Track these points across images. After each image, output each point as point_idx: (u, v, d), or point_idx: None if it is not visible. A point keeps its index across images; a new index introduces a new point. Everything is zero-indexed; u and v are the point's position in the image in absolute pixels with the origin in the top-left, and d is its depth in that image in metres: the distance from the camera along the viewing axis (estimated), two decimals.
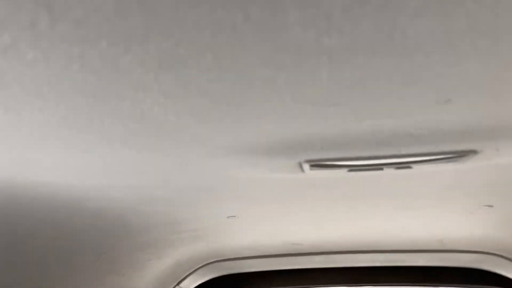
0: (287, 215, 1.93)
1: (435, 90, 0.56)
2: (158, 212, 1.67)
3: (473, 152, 0.95)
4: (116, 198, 1.40)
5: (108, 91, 0.52)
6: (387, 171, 1.15)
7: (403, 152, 0.92)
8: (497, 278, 2.85)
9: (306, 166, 1.06)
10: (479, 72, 0.52)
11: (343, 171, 1.14)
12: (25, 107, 0.57)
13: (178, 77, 0.49)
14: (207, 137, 0.80)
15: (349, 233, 2.40)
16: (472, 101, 0.63)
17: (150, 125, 0.67)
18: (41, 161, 0.90)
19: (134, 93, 0.53)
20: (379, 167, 1.11)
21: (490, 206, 1.86)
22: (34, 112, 0.59)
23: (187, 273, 2.64)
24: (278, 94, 0.56)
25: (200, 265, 2.64)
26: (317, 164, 1.09)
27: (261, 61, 0.45)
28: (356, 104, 0.61)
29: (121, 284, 2.12)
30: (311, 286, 3.03)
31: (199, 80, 0.50)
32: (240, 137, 0.79)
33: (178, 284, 2.65)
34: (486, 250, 2.62)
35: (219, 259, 2.63)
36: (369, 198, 1.68)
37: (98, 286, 1.99)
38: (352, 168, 1.11)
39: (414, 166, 1.10)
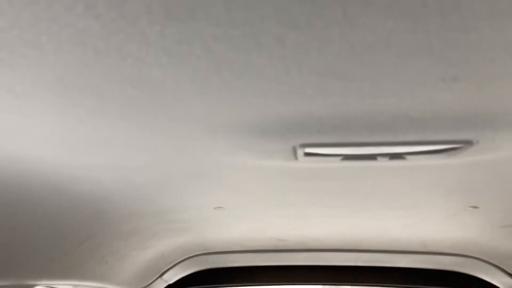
0: (275, 209, 1.92)
1: (443, 63, 0.56)
2: (145, 199, 1.64)
3: (469, 143, 0.95)
4: (103, 181, 1.37)
5: (110, 44, 0.50)
6: (380, 161, 1.15)
7: (400, 139, 0.92)
8: (477, 282, 2.89)
9: (300, 152, 1.05)
10: (491, 43, 0.51)
11: (337, 160, 1.14)
12: (21, 61, 0.55)
13: (184, 31, 0.47)
14: (204, 113, 0.78)
15: (335, 231, 2.41)
16: (478, 80, 0.62)
17: (148, 92, 0.65)
18: (29, 131, 0.87)
19: (137, 49, 0.51)
20: (373, 156, 1.10)
21: (476, 207, 1.87)
22: (30, 67, 0.57)
23: (170, 266, 2.62)
24: (284, 61, 0.55)
25: (183, 258, 2.62)
26: (311, 152, 1.08)
27: (274, 13, 0.43)
28: (362, 78, 0.60)
29: (102, 273, 2.08)
30: (294, 283, 3.03)
31: (205, 35, 0.48)
32: (239, 114, 0.78)
33: (160, 276, 2.63)
34: (467, 254, 2.65)
35: (203, 252, 2.62)
36: (358, 194, 1.68)
37: (79, 274, 1.95)
38: (346, 157, 1.11)
39: (408, 157, 1.10)
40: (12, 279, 1.63)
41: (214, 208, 1.86)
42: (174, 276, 2.76)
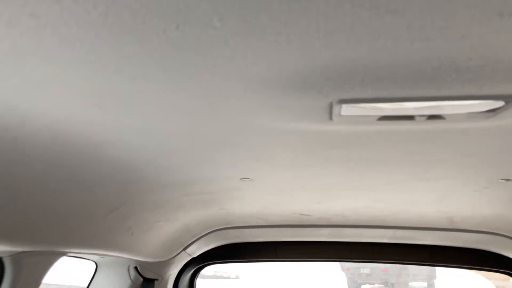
0: (301, 180, 1.91)
1: None
2: (173, 168, 1.64)
3: None
4: (135, 146, 1.37)
5: None
6: (418, 123, 1.12)
7: (442, 93, 0.89)
8: (503, 261, 2.84)
9: (336, 110, 1.03)
10: None
11: (373, 121, 1.11)
12: None
13: None
14: (244, 61, 0.76)
15: (360, 206, 2.38)
16: None
17: (191, 32, 0.63)
18: (65, 84, 0.86)
19: None
20: (410, 116, 1.08)
21: (508, 180, 1.83)
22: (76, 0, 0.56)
23: (194, 239, 2.64)
24: None
25: (207, 232, 2.64)
26: (347, 114, 1.05)
27: None
28: (414, 12, 0.58)
29: (128, 244, 2.11)
30: (317, 259, 3.02)
31: None
32: (279, 62, 0.76)
33: (184, 249, 2.65)
34: (495, 231, 2.61)
35: (226, 226, 2.62)
36: (388, 164, 1.66)
37: (105, 243, 1.97)
38: (383, 117, 1.08)
39: (448, 117, 1.07)
40: (43, 245, 1.65)
41: (240, 179, 1.86)
42: (197, 249, 2.78)
